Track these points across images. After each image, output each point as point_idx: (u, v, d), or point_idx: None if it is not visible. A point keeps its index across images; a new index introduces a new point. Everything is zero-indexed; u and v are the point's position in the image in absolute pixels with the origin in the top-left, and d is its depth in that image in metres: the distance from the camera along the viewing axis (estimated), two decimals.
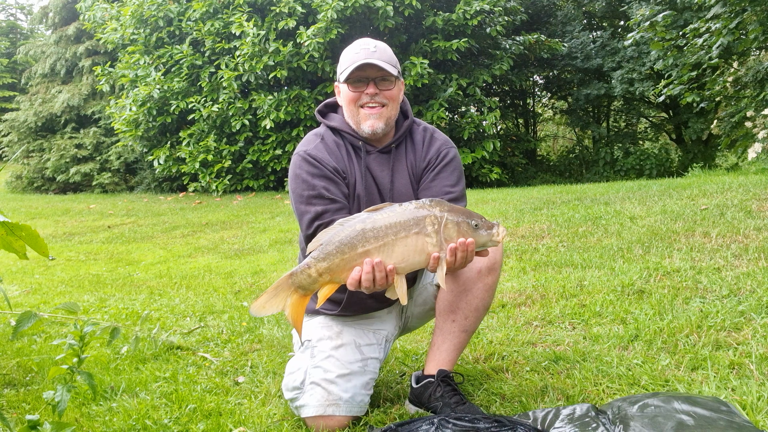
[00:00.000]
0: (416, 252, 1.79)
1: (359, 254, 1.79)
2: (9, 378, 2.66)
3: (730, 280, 3.21)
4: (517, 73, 14.23)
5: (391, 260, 1.79)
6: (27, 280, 5.25)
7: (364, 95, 2.16)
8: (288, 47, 10.82)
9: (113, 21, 13.08)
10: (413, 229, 1.78)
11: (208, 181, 12.01)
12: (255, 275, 4.91)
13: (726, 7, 7.63)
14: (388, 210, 1.81)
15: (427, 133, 2.31)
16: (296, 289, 1.85)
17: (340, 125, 2.25)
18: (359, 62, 2.11)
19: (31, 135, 16.17)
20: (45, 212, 10.86)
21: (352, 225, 1.81)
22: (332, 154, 2.20)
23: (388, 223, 1.79)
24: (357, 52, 2.15)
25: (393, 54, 2.21)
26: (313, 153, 2.18)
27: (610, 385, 2.24)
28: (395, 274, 1.80)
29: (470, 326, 2.20)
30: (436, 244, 1.78)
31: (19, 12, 31.49)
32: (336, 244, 1.80)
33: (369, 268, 1.78)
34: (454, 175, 2.23)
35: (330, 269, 1.81)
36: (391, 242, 1.78)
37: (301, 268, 1.83)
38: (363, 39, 2.23)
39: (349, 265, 1.80)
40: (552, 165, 16.75)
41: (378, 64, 2.11)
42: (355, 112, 2.19)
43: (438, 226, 1.78)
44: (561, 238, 4.86)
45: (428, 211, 1.79)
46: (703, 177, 8.40)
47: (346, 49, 2.22)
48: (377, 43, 2.19)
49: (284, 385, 2.19)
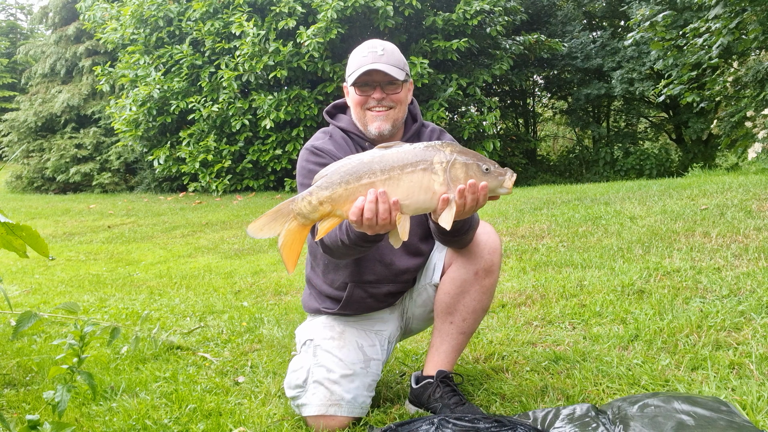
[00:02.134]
0: (422, 189, 1.74)
1: (363, 185, 1.74)
2: (9, 378, 2.66)
3: (730, 280, 3.21)
4: (517, 73, 14.23)
5: (396, 195, 1.74)
6: (27, 280, 5.25)
7: (371, 99, 2.16)
8: (288, 47, 10.82)
9: (113, 21, 13.08)
10: (420, 165, 1.74)
11: (208, 181, 12.01)
12: (255, 275, 4.90)
13: (726, 7, 7.63)
14: (398, 147, 1.78)
15: (435, 133, 2.32)
16: (296, 216, 1.79)
17: (347, 126, 2.27)
18: (366, 67, 2.11)
19: (31, 135, 16.18)
20: (45, 212, 10.86)
21: (359, 157, 1.78)
22: (340, 148, 2.22)
23: (395, 158, 1.75)
24: (365, 55, 2.14)
25: (401, 56, 2.21)
26: (320, 145, 2.21)
27: (610, 385, 2.24)
28: (399, 212, 1.75)
29: (468, 328, 2.20)
30: (443, 183, 1.74)
31: (19, 12, 31.52)
32: (341, 174, 1.75)
33: (372, 198, 1.72)
34: None
35: (332, 198, 1.75)
36: (396, 176, 1.73)
37: (303, 195, 1.78)
38: (371, 41, 2.21)
39: (352, 197, 1.74)
40: (552, 165, 16.76)
41: (384, 70, 2.11)
42: (362, 115, 2.20)
43: (446, 165, 1.74)
44: (561, 238, 4.86)
45: (438, 150, 1.76)
46: (703, 177, 8.40)
47: (355, 50, 2.22)
48: (385, 45, 2.18)
49: (286, 383, 2.19)
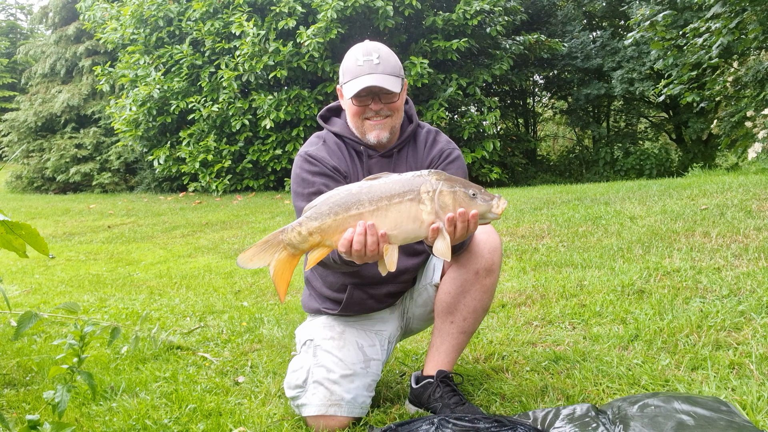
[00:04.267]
0: (410, 219, 1.75)
1: (352, 216, 1.76)
2: (9, 378, 2.66)
3: (730, 280, 3.21)
4: (517, 73, 14.23)
5: (384, 226, 1.75)
6: (27, 280, 5.25)
7: (369, 110, 2.15)
8: (288, 47, 10.82)
9: (113, 21, 13.08)
10: (408, 195, 1.75)
11: (208, 181, 12.00)
12: (255, 275, 4.91)
13: (726, 6, 7.63)
14: (385, 177, 1.80)
15: (431, 135, 2.30)
16: (285, 246, 1.81)
17: (342, 130, 2.24)
18: (363, 82, 2.07)
19: (31, 135, 16.17)
20: (45, 212, 10.86)
21: (347, 188, 1.79)
22: (333, 154, 2.21)
23: (383, 189, 1.76)
24: (360, 64, 2.11)
25: (396, 59, 2.17)
26: (313, 153, 2.19)
27: (610, 385, 2.24)
28: (388, 242, 1.76)
29: (469, 328, 2.20)
30: (431, 212, 1.75)
31: (19, 12, 31.53)
32: (329, 205, 1.78)
33: (361, 230, 1.74)
34: (459, 174, 2.20)
35: (321, 229, 1.78)
36: (384, 207, 1.75)
37: (292, 225, 1.80)
38: (365, 45, 2.17)
39: (341, 227, 1.76)
40: (552, 165, 16.75)
41: (382, 85, 2.08)
42: (360, 124, 2.18)
43: (433, 194, 1.75)
44: (561, 238, 4.86)
45: (424, 179, 1.77)
46: (703, 177, 8.40)
47: (349, 54, 2.17)
48: (380, 51, 2.14)
49: (286, 383, 2.19)
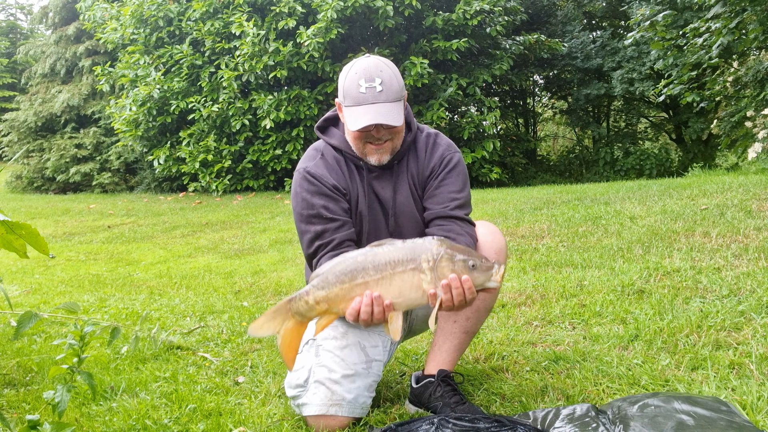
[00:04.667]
0: (412, 288, 1.79)
1: (358, 285, 1.79)
2: (9, 378, 2.66)
3: (730, 280, 3.21)
4: (517, 73, 14.23)
5: (389, 295, 1.79)
6: (27, 280, 5.25)
7: (370, 135, 2.10)
8: (288, 47, 10.82)
9: (113, 21, 13.08)
10: (410, 264, 1.78)
11: (208, 181, 12.00)
12: (255, 275, 4.90)
13: (726, 6, 7.62)
14: (390, 245, 1.82)
15: (430, 139, 2.26)
16: (293, 315, 1.85)
17: (340, 144, 2.19)
18: (367, 120, 2.01)
19: (31, 135, 16.17)
20: (45, 212, 10.86)
21: (353, 257, 1.82)
22: (332, 171, 2.17)
23: (387, 257, 1.79)
24: (363, 91, 2.02)
25: (398, 80, 2.09)
26: (312, 170, 2.15)
27: (610, 385, 2.24)
28: (392, 309, 1.80)
29: (471, 327, 2.20)
30: (431, 281, 1.78)
31: (19, 12, 31.50)
32: (336, 274, 1.81)
33: (368, 301, 1.78)
34: (459, 181, 2.20)
35: (328, 298, 1.81)
36: (389, 276, 1.78)
37: (300, 294, 1.84)
38: (367, 67, 2.06)
39: (347, 296, 1.80)
40: (552, 165, 16.75)
41: (387, 122, 2.02)
42: (361, 147, 2.14)
43: (432, 263, 1.78)
44: (561, 238, 4.86)
45: (426, 248, 1.79)
46: (703, 177, 8.40)
47: (349, 75, 2.07)
48: (382, 75, 2.05)
49: (287, 382, 2.19)
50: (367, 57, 2.11)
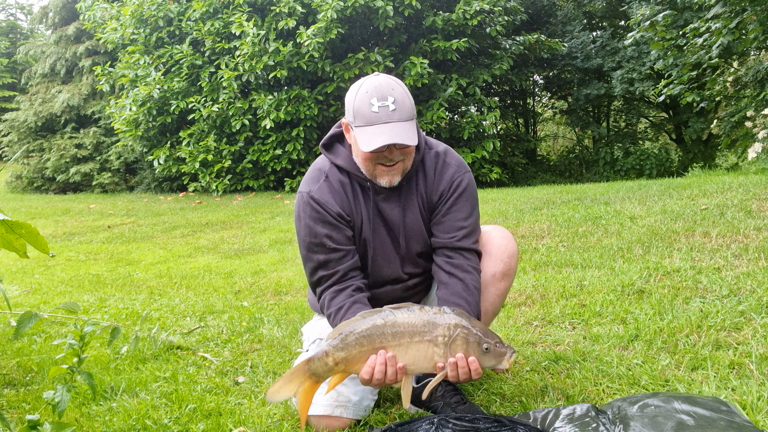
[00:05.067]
0: (425, 359, 1.83)
1: (376, 349, 1.83)
2: (9, 378, 2.66)
3: (730, 280, 3.21)
4: (517, 73, 14.23)
5: (403, 360, 1.84)
6: (27, 280, 5.25)
7: (382, 156, 2.03)
8: (288, 47, 10.82)
9: (113, 21, 13.08)
10: (426, 336, 1.82)
11: (208, 181, 12.00)
12: (255, 275, 4.90)
13: (726, 6, 7.62)
14: (408, 311, 1.84)
15: (440, 159, 2.18)
16: (310, 376, 1.89)
17: (346, 164, 2.12)
18: (382, 140, 1.94)
19: (31, 135, 16.17)
20: (45, 212, 10.86)
21: (373, 320, 1.85)
22: (336, 195, 2.11)
23: (406, 325, 1.83)
24: (375, 110, 1.95)
25: (409, 98, 2.02)
26: (316, 195, 2.10)
27: (610, 385, 2.24)
28: (405, 373, 1.84)
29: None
30: (442, 355, 1.82)
31: (19, 12, 31.51)
32: (356, 336, 1.84)
33: (383, 360, 1.81)
34: (467, 207, 2.16)
35: (347, 359, 1.85)
36: (405, 344, 1.83)
37: (319, 355, 1.86)
38: (379, 86, 1.98)
39: (364, 358, 1.85)
40: (552, 165, 16.76)
41: (402, 142, 1.95)
42: (371, 168, 2.07)
43: (448, 339, 1.81)
44: (561, 238, 4.86)
45: (445, 322, 1.82)
46: (703, 177, 8.40)
47: (360, 94, 1.99)
48: (395, 93, 1.97)
49: None
50: (377, 75, 2.04)
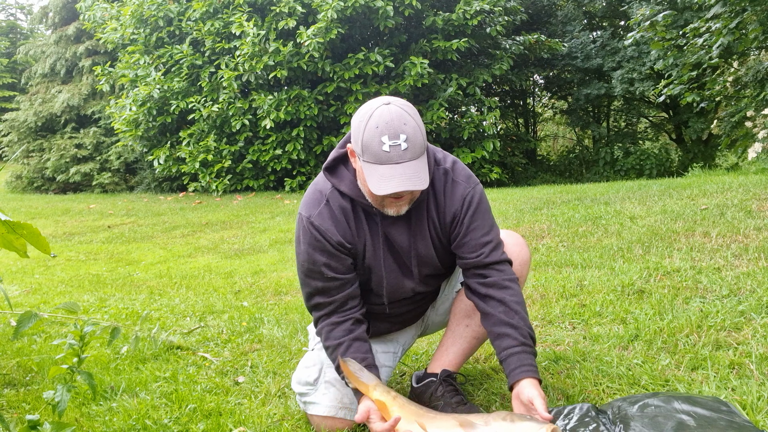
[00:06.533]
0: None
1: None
2: (9, 378, 2.66)
3: (730, 280, 3.21)
4: (517, 73, 14.23)
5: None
6: (27, 280, 5.25)
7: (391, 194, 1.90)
8: (288, 47, 10.82)
9: (113, 21, 13.08)
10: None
11: (208, 181, 12.01)
12: (255, 275, 4.91)
13: (726, 6, 7.62)
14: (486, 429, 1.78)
15: (448, 178, 2.07)
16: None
17: (350, 191, 2.01)
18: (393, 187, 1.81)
19: (31, 135, 16.17)
20: (45, 212, 10.86)
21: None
22: (338, 223, 2.00)
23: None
24: (386, 150, 1.80)
25: (421, 132, 1.86)
26: (317, 222, 2.00)
27: (610, 385, 2.24)
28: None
29: (483, 335, 2.19)
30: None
31: (19, 12, 31.53)
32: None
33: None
34: (484, 222, 2.08)
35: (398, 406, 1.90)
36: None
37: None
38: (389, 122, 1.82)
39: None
40: (552, 165, 16.76)
41: (415, 188, 1.83)
42: (379, 200, 1.95)
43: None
44: (561, 238, 4.86)
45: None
46: (703, 177, 8.40)
47: (369, 128, 1.83)
48: (406, 129, 1.82)
49: (296, 378, 2.17)
50: (388, 105, 1.86)
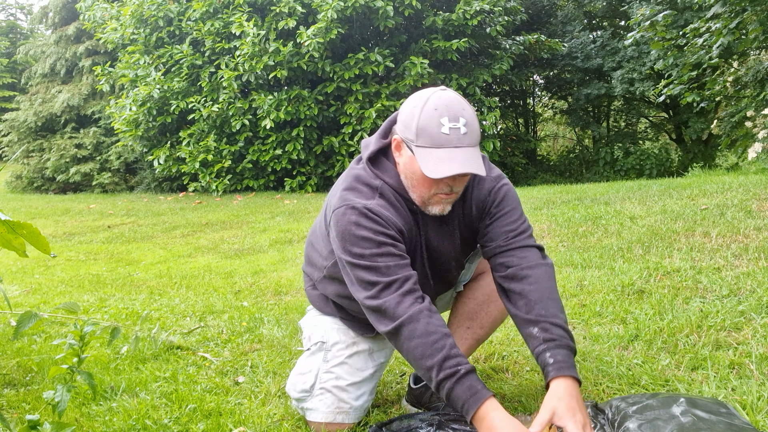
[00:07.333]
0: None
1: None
2: (9, 378, 2.66)
3: (730, 279, 3.21)
4: (517, 73, 14.24)
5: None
6: (27, 280, 5.25)
7: (446, 185, 1.83)
8: (288, 47, 10.82)
9: (113, 21, 13.08)
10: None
11: (208, 181, 12.00)
12: (255, 275, 4.91)
13: (726, 6, 7.62)
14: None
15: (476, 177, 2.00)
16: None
17: (397, 185, 1.90)
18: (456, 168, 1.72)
19: (31, 135, 16.18)
20: (45, 212, 10.86)
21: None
22: (398, 213, 1.88)
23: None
24: (446, 132, 1.73)
25: (477, 121, 1.82)
26: (375, 209, 1.83)
27: (610, 385, 2.24)
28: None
29: (483, 336, 2.20)
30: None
31: (19, 12, 31.53)
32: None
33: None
34: (513, 211, 1.98)
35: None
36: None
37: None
38: (450, 104, 1.77)
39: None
40: (552, 165, 16.77)
41: (477, 172, 1.75)
42: (427, 195, 1.85)
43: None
44: (561, 238, 4.86)
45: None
46: (703, 177, 8.40)
47: (426, 109, 1.76)
48: (465, 114, 1.77)
49: (291, 384, 2.16)
50: (444, 90, 1.81)
